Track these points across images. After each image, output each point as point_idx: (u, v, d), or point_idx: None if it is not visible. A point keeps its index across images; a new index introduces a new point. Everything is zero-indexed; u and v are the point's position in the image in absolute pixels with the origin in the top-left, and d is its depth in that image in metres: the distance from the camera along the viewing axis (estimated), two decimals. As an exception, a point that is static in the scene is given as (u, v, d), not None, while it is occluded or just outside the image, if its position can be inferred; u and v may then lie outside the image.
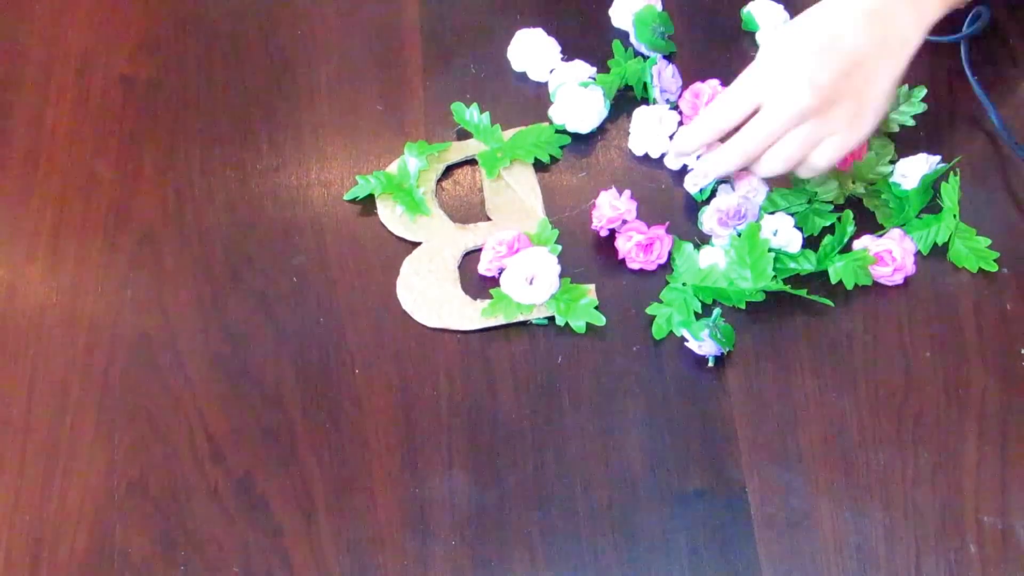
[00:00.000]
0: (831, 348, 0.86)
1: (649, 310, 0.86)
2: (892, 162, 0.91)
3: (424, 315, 0.88)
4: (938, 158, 0.89)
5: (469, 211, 0.93)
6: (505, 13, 1.02)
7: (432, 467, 0.82)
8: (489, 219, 0.92)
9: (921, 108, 0.93)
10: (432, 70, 1.00)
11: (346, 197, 0.93)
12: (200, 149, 0.97)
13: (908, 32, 0.83)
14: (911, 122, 0.93)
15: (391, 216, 0.92)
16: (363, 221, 0.93)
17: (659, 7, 0.99)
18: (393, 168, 0.94)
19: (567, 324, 0.87)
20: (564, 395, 0.85)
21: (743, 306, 0.86)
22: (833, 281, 0.86)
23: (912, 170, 0.89)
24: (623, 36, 0.99)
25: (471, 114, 0.95)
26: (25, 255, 0.93)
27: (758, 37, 0.99)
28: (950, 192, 0.87)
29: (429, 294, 0.88)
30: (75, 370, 0.87)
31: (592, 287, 0.88)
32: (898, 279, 0.87)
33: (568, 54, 0.98)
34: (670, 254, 0.88)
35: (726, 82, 0.94)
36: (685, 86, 0.96)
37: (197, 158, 0.97)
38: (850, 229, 0.87)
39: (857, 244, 0.87)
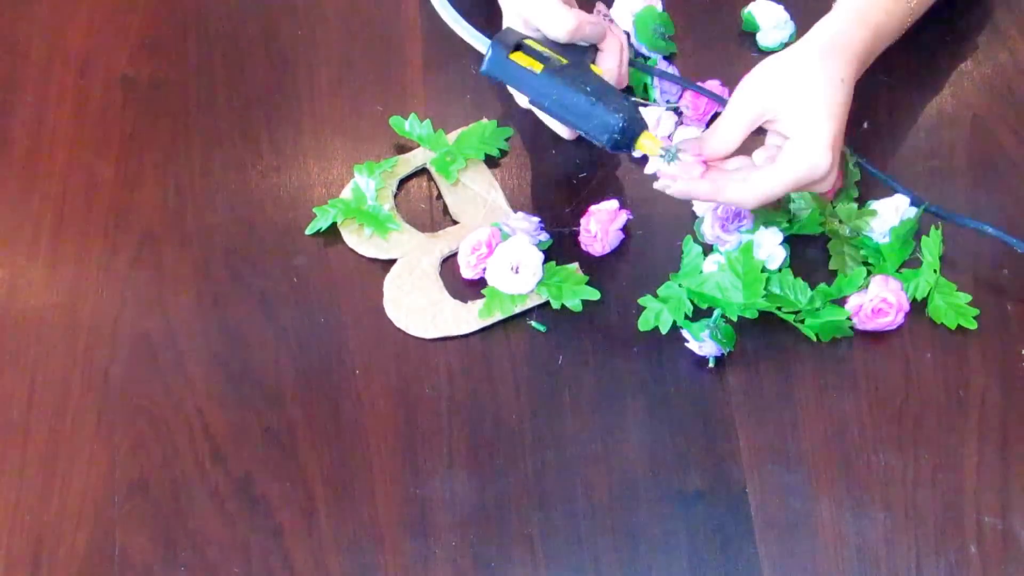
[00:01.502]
0: (831, 348, 0.85)
1: (641, 301, 0.86)
2: (856, 199, 0.89)
3: (419, 328, 0.87)
4: (906, 200, 0.87)
5: (430, 220, 0.93)
6: (505, 13, 1.02)
7: (432, 467, 0.82)
8: (456, 222, 0.92)
9: None
10: (432, 70, 1.00)
11: (308, 232, 0.92)
12: (200, 149, 0.97)
13: (850, 75, 0.82)
14: None
15: (359, 240, 0.91)
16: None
17: (659, 7, 0.99)
18: (347, 193, 0.93)
19: (564, 309, 0.87)
20: (564, 395, 0.85)
21: (734, 318, 0.85)
22: (808, 334, 0.84)
23: (887, 211, 0.87)
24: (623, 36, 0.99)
25: (411, 125, 0.95)
26: (25, 255, 0.93)
27: (759, 39, 0.99)
28: (931, 246, 0.86)
29: (419, 307, 0.88)
30: (75, 370, 0.87)
31: (575, 265, 0.88)
32: (900, 319, 0.85)
33: (568, 54, 0.98)
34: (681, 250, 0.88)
35: (727, 82, 0.95)
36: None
37: (197, 158, 0.97)
38: (857, 284, 0.84)
39: (852, 300, 0.85)
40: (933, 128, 0.94)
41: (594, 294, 0.87)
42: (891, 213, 0.87)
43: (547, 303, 0.88)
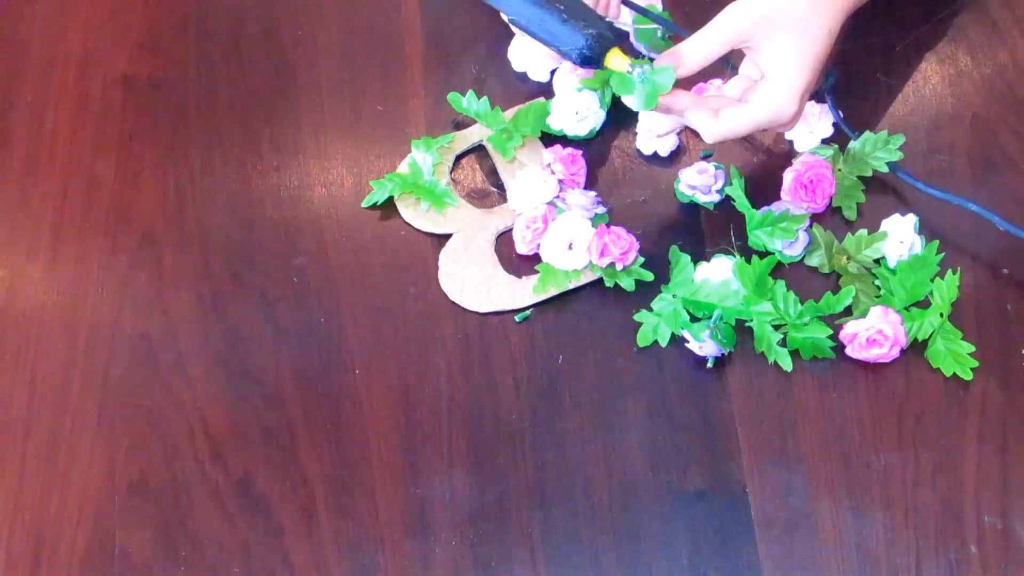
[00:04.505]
0: (831, 347, 0.85)
1: (637, 316, 0.86)
2: (859, 203, 0.90)
3: (473, 302, 0.88)
4: (915, 217, 0.87)
5: (486, 196, 0.94)
6: (505, 13, 1.02)
7: (432, 467, 0.82)
8: (511, 199, 0.93)
9: (898, 156, 0.91)
10: (432, 70, 1.00)
11: (364, 204, 0.93)
12: (200, 149, 0.97)
13: (834, 22, 0.84)
14: (885, 168, 0.91)
15: (416, 214, 0.92)
16: (363, 221, 0.93)
17: (659, 7, 0.99)
18: (404, 168, 0.94)
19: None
20: (564, 395, 0.85)
21: (732, 322, 0.85)
22: (789, 348, 0.84)
23: (898, 231, 0.87)
24: (623, 36, 0.99)
25: (469, 102, 0.95)
26: (25, 255, 0.93)
27: None
28: (944, 289, 0.84)
29: (473, 281, 0.89)
30: (75, 370, 0.87)
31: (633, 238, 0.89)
32: (895, 353, 0.84)
33: (568, 54, 0.98)
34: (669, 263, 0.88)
35: (727, 81, 0.94)
36: (687, 86, 0.96)
37: (197, 158, 0.97)
38: (845, 302, 0.84)
39: (848, 327, 0.84)
40: (933, 128, 0.94)
41: (648, 276, 0.87)
42: (904, 231, 0.86)
43: (600, 280, 0.88)
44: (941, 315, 0.84)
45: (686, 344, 0.85)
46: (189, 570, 0.80)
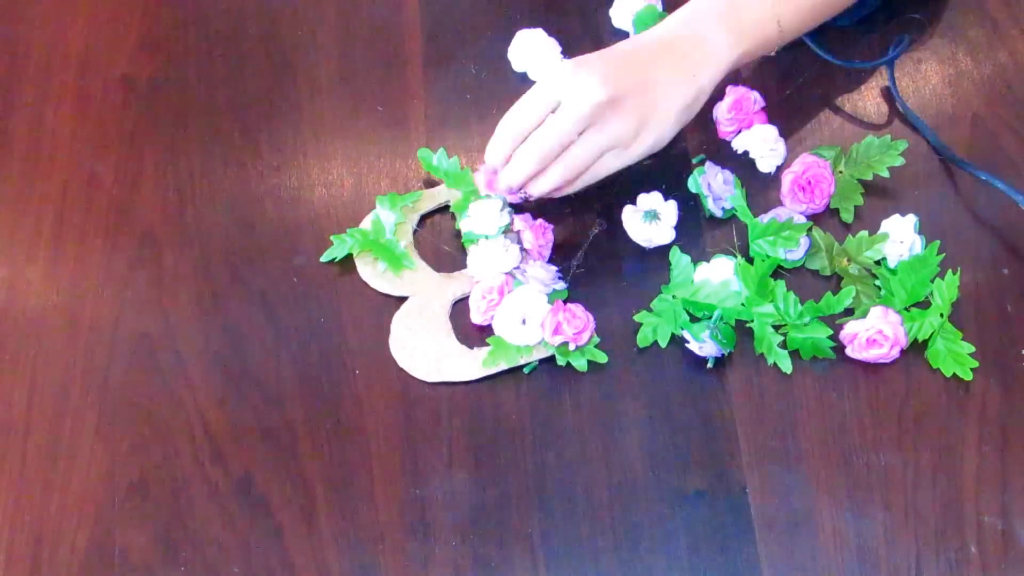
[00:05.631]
0: (831, 347, 0.85)
1: (637, 317, 0.86)
2: (856, 206, 0.90)
3: (423, 371, 0.85)
4: (914, 218, 0.87)
5: (448, 259, 0.91)
6: (505, 13, 1.02)
7: (432, 467, 0.82)
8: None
9: (899, 161, 0.91)
10: (432, 70, 1.00)
11: (323, 259, 0.90)
12: (200, 149, 0.97)
13: (700, 69, 0.86)
14: (885, 173, 0.91)
15: (372, 273, 0.89)
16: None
17: (659, 7, 0.99)
18: (367, 224, 0.91)
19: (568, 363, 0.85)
20: (564, 395, 0.85)
21: (732, 323, 0.85)
22: (789, 348, 0.84)
23: (898, 232, 0.87)
24: (623, 36, 0.99)
25: (439, 160, 0.93)
26: (25, 255, 0.93)
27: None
28: (944, 290, 0.84)
29: (424, 349, 0.86)
30: (75, 370, 0.87)
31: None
32: (895, 354, 0.84)
33: (568, 54, 0.98)
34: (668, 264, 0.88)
35: (724, 82, 0.94)
36: None
37: (197, 158, 0.97)
38: (845, 303, 0.84)
39: (848, 327, 0.84)
40: (933, 128, 0.94)
41: (602, 357, 0.85)
42: (904, 231, 0.86)
43: (552, 357, 0.86)
44: (941, 315, 0.84)
45: (686, 344, 0.85)
46: (189, 570, 0.80)
